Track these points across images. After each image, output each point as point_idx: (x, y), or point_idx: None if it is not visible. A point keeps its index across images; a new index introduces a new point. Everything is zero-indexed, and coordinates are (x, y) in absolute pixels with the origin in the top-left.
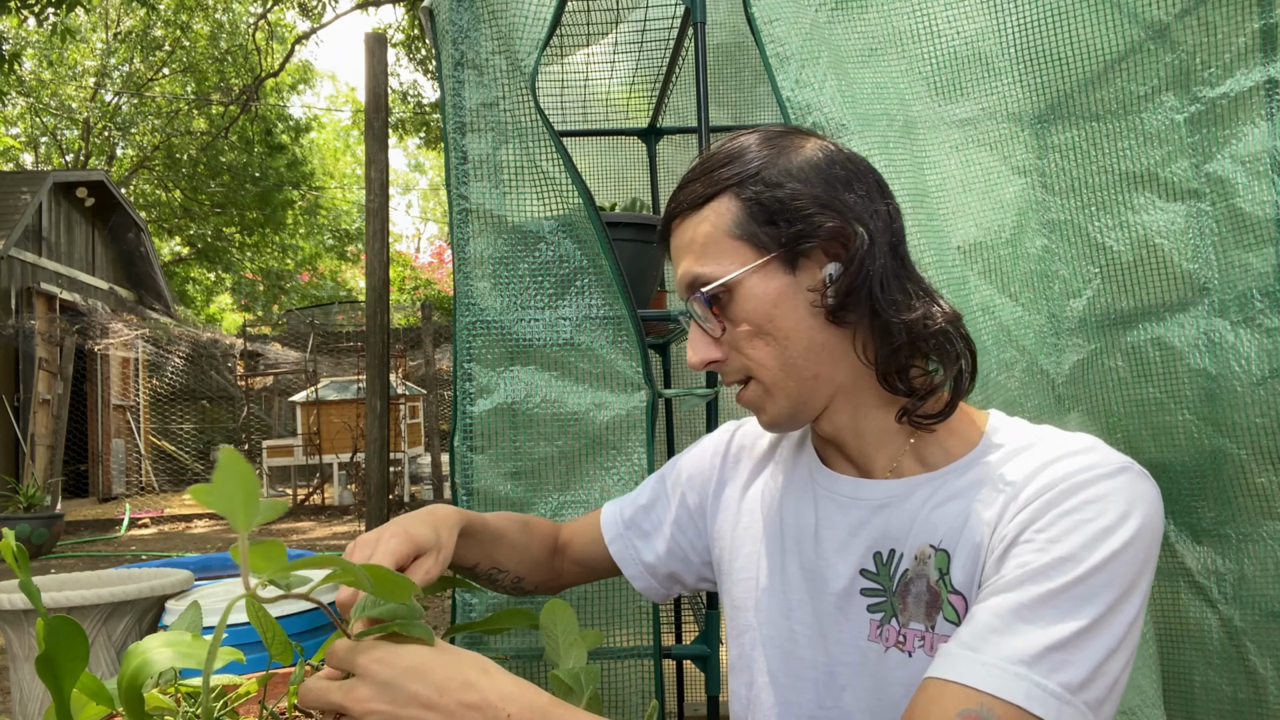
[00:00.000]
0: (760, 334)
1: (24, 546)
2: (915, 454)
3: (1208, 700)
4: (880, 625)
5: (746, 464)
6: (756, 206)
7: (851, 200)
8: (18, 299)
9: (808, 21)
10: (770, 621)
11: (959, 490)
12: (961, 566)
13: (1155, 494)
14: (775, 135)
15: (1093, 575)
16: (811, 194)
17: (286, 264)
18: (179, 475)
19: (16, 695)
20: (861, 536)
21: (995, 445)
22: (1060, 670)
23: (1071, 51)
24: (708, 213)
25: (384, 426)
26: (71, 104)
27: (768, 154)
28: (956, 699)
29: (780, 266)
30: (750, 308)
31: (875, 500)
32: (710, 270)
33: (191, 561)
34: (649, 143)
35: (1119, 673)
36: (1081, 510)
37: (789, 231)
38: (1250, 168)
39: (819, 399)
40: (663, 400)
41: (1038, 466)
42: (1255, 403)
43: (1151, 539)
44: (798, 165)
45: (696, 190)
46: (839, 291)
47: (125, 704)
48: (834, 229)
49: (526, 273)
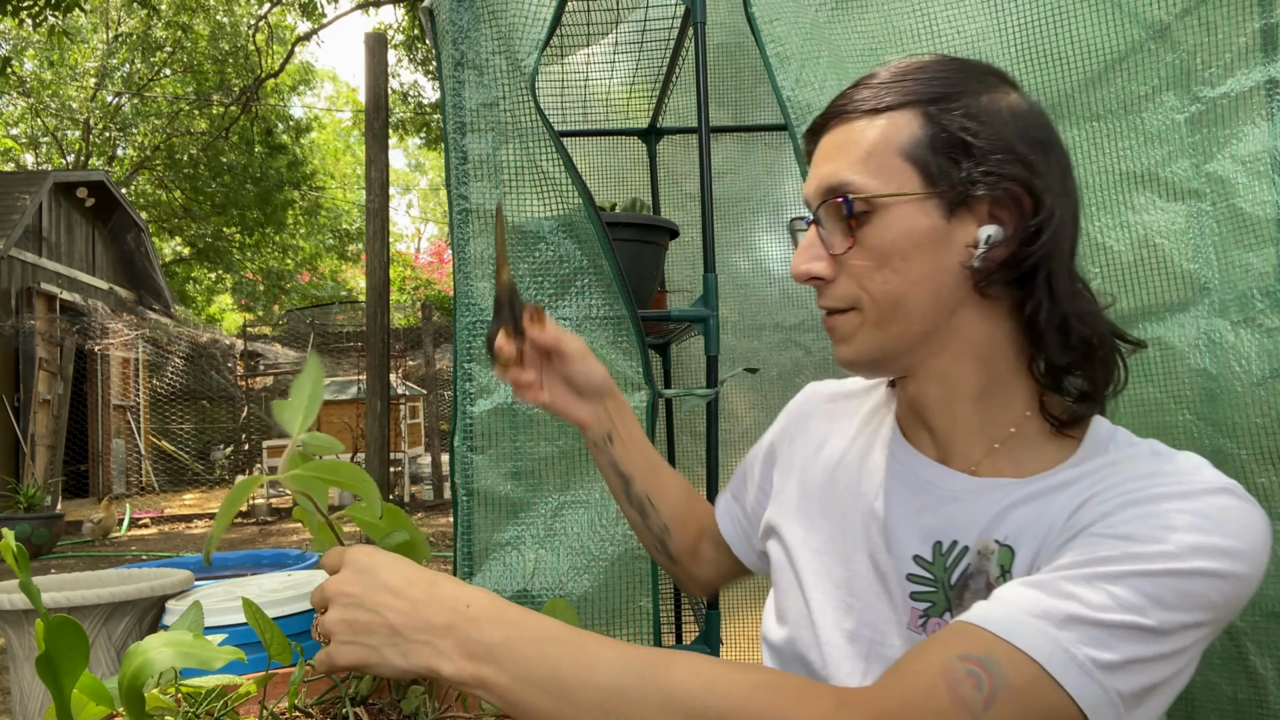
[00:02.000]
0: (886, 266)
1: (24, 546)
2: (1008, 453)
3: (1208, 700)
4: (924, 616)
5: (819, 424)
6: (943, 134)
7: (1043, 168)
8: (18, 299)
9: (808, 21)
10: (820, 586)
11: (1041, 492)
12: (1025, 562)
13: (1265, 526)
14: (979, 69)
15: (1166, 578)
16: (1007, 144)
17: (287, 264)
18: (179, 475)
19: (16, 695)
20: (925, 522)
21: (1092, 455)
22: (1094, 646)
23: (1071, 51)
24: (883, 121)
25: (384, 426)
26: (72, 104)
27: (970, 85)
28: (965, 640)
29: (940, 206)
30: (891, 237)
31: (950, 492)
32: (865, 181)
33: (191, 561)
34: (649, 143)
35: (1157, 685)
36: (1169, 517)
37: (970, 172)
38: (1251, 168)
39: (914, 355)
40: (663, 400)
41: (1133, 474)
42: (1255, 403)
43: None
44: (1000, 109)
45: (878, 95)
46: (997, 258)
47: (126, 704)
48: (1013, 189)
49: (526, 273)
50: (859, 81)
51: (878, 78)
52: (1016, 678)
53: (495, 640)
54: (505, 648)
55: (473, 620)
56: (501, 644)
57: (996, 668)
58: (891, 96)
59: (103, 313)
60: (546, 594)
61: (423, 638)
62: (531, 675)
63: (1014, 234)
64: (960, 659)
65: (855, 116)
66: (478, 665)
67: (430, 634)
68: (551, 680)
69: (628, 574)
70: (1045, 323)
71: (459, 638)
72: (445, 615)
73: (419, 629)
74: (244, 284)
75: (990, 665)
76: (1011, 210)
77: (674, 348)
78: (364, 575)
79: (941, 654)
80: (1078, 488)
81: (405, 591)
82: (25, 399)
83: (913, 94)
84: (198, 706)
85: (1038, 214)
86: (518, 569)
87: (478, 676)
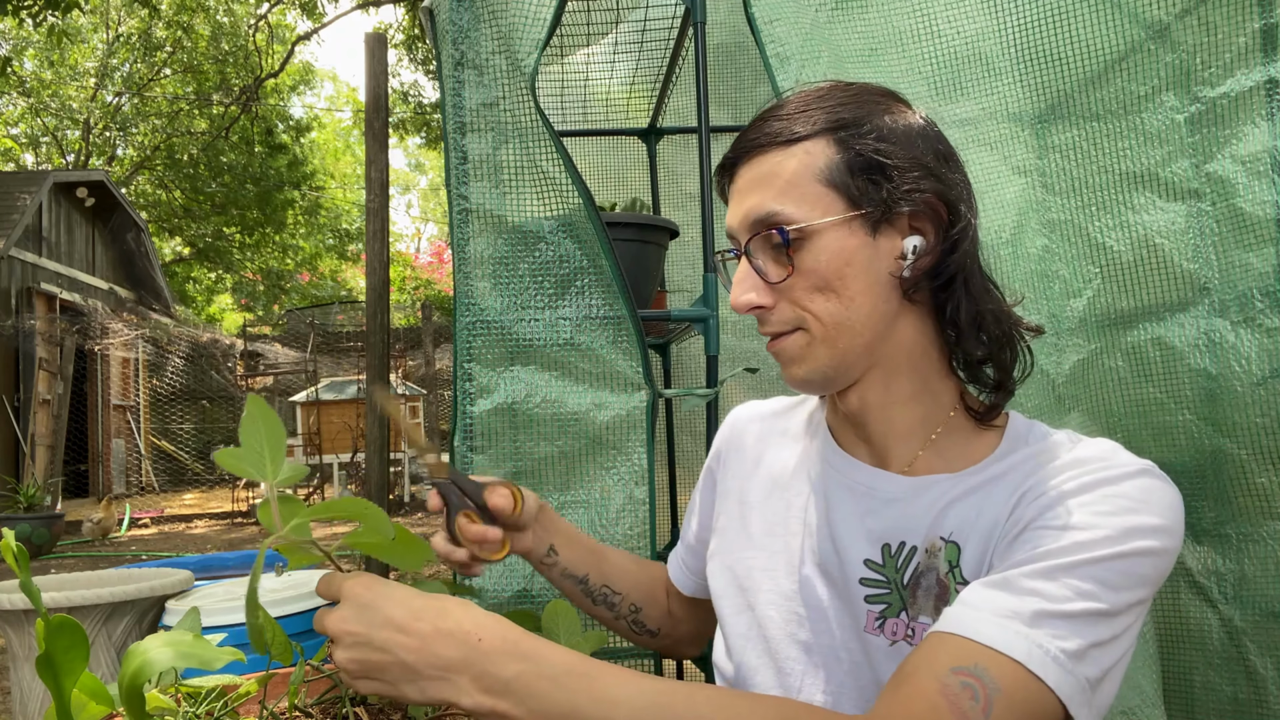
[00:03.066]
0: (826, 288)
1: (24, 546)
2: (936, 450)
3: (1208, 700)
4: (880, 618)
5: (753, 443)
6: (858, 158)
7: (951, 179)
8: (18, 299)
9: (808, 21)
10: (770, 601)
11: (975, 486)
12: (972, 558)
13: (1180, 501)
14: (876, 92)
15: (1113, 562)
16: (919, 160)
17: (287, 264)
18: (179, 475)
19: (16, 695)
20: (870, 526)
21: (1016, 447)
22: (1062, 638)
23: (1071, 51)
24: (798, 151)
25: (384, 426)
26: (72, 104)
27: (872, 109)
28: (950, 652)
29: (864, 225)
30: (824, 260)
31: (890, 493)
32: (791, 211)
33: (192, 561)
34: (649, 143)
35: (1112, 666)
36: (1102, 503)
37: (888, 191)
38: (1250, 168)
39: (859, 367)
40: (663, 400)
41: (1059, 464)
42: (1255, 403)
43: (1176, 550)
44: (904, 127)
45: (788, 126)
46: (923, 267)
47: (126, 704)
48: (930, 201)
49: (526, 273)
50: (764, 114)
51: (784, 109)
52: (1005, 682)
53: (510, 675)
54: (521, 682)
55: (485, 654)
56: (517, 679)
57: (987, 675)
58: (801, 126)
59: (103, 313)
60: (546, 594)
61: (437, 674)
62: (549, 710)
63: (936, 243)
64: (953, 672)
65: (769, 149)
66: (495, 699)
67: (444, 670)
68: (570, 715)
69: None
70: (964, 321)
71: (474, 673)
72: (457, 650)
73: (433, 665)
74: (244, 284)
75: (981, 674)
76: (930, 220)
77: (674, 348)
78: (366, 611)
79: (933, 669)
80: (1010, 480)
81: (412, 626)
82: (25, 399)
83: (821, 122)
84: (198, 706)
85: (955, 222)
86: (518, 569)
87: (495, 710)
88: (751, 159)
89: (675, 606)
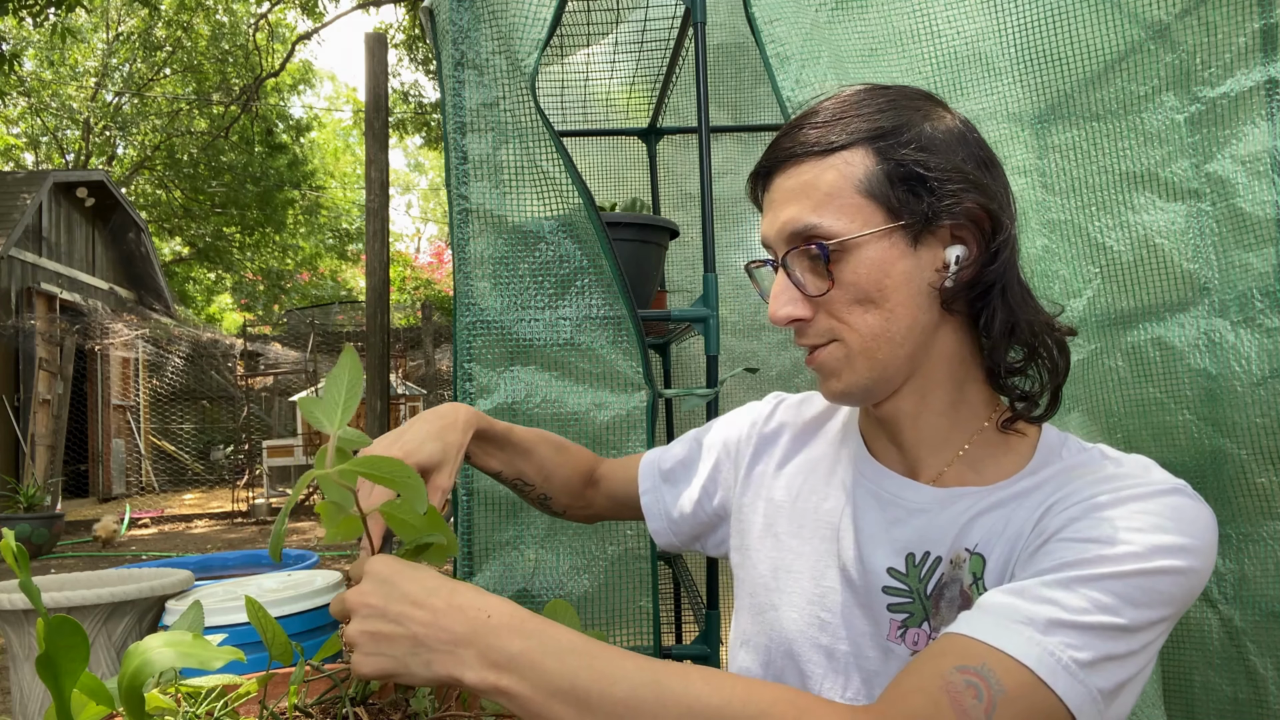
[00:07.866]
0: (866, 301)
1: (24, 546)
2: (968, 462)
3: (1208, 700)
4: (903, 627)
5: (786, 439)
6: (898, 168)
7: (993, 187)
8: (18, 299)
9: (808, 21)
10: (794, 604)
11: (1004, 500)
12: (996, 569)
13: (1213, 523)
14: (913, 95)
15: (1135, 578)
16: (960, 169)
17: (287, 264)
18: (179, 475)
19: (16, 695)
20: (895, 535)
21: (1048, 461)
22: (1076, 648)
23: (1071, 51)
24: (836, 161)
25: (384, 426)
26: (72, 104)
27: (910, 115)
28: (957, 651)
29: (905, 236)
30: (864, 273)
31: (917, 503)
32: (830, 224)
33: (192, 561)
34: (649, 143)
35: (1128, 680)
36: (1130, 519)
37: (929, 203)
38: (1250, 168)
39: (899, 379)
40: (663, 400)
41: (1090, 479)
42: (1255, 403)
43: (1205, 571)
44: (944, 134)
45: (824, 135)
46: (964, 278)
47: (126, 704)
48: (973, 211)
49: (526, 273)
50: (798, 121)
51: (819, 116)
52: (1011, 684)
53: (516, 650)
54: (525, 658)
55: (493, 630)
56: (522, 654)
57: (992, 676)
58: (838, 135)
59: (103, 313)
60: (546, 594)
61: (445, 647)
62: (551, 685)
63: (978, 253)
64: (958, 670)
65: (805, 159)
66: (499, 674)
67: (452, 643)
68: (571, 691)
69: (628, 574)
70: (1000, 331)
71: (480, 647)
72: (466, 624)
73: (441, 639)
74: (244, 284)
75: (986, 674)
76: (972, 231)
77: (674, 348)
78: (384, 586)
79: (939, 667)
80: (1039, 494)
81: (426, 601)
82: (25, 399)
83: (860, 131)
84: (198, 706)
85: (997, 232)
86: (518, 569)
87: (499, 685)
88: (787, 168)
89: (598, 499)
